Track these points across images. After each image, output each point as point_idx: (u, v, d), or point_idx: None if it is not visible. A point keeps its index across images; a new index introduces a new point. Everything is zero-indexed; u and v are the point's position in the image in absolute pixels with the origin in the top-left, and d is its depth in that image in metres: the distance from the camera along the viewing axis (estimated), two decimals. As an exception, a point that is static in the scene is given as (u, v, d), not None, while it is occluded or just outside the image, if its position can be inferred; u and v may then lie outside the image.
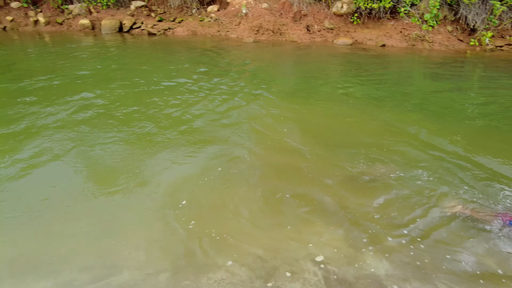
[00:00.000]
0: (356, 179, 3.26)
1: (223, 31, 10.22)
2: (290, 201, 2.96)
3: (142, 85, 5.99)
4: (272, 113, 4.79)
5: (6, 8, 12.11)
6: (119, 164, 3.58)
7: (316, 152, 3.75)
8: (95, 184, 3.24)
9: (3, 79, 6.52)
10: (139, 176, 3.33)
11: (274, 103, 5.14)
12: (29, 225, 2.75)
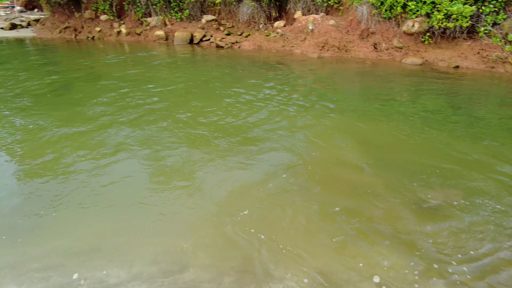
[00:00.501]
0: (417, 202, 3.13)
1: (288, 46, 10.43)
2: (349, 217, 2.94)
3: (207, 94, 6.34)
4: (333, 128, 4.80)
5: (96, 20, 13.63)
6: (183, 166, 3.81)
7: (376, 170, 3.67)
8: (162, 182, 3.48)
9: (83, 82, 7.37)
10: (202, 179, 3.52)
11: (336, 118, 5.15)
12: (104, 215, 3.03)
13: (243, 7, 11.21)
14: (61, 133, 4.67)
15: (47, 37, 14.61)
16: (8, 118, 5.22)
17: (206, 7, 12.12)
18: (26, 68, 8.78)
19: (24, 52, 11.72)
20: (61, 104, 5.94)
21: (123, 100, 5.99)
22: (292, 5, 11.20)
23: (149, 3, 12.62)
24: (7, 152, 4.18)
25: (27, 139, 4.50)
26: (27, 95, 6.38)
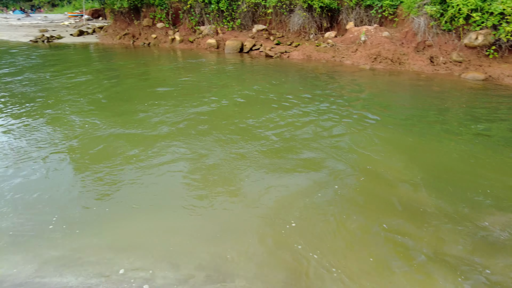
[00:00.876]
0: (472, 227, 2.87)
1: (338, 57, 10.26)
2: (397, 236, 2.77)
3: (254, 103, 6.39)
4: (384, 142, 4.61)
5: (153, 27, 14.44)
6: (230, 173, 3.83)
7: (428, 189, 3.45)
8: (208, 188, 3.52)
9: (137, 86, 7.79)
10: (248, 187, 3.52)
11: (387, 132, 4.94)
12: (151, 215, 3.11)
13: (294, 17, 11.26)
14: (115, 133, 4.95)
15: (108, 43, 15.74)
16: (68, 118, 5.65)
17: (257, 16, 12.35)
18: (86, 71, 9.52)
19: (87, 56, 12.73)
20: (115, 106, 6.34)
21: (174, 106, 6.23)
22: (344, 16, 11.05)
23: (203, 12, 13.14)
24: (66, 149, 4.49)
25: (84, 138, 4.81)
26: (86, 97, 6.88)
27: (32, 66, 10.46)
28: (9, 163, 4.09)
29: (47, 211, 3.17)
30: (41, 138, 4.82)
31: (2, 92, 7.42)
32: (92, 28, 19.01)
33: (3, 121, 5.54)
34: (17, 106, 6.39)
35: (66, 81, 8.39)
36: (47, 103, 6.53)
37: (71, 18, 26.04)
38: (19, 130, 5.13)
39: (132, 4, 14.24)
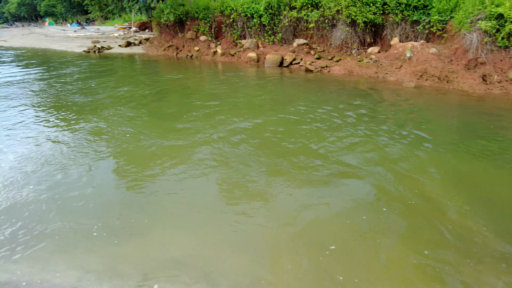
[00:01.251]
0: None
1: (381, 73, 9.96)
2: (449, 269, 2.55)
3: (293, 117, 6.31)
4: (432, 165, 4.33)
5: (196, 40, 14.94)
6: (265, 187, 3.77)
7: (483, 220, 3.16)
8: (246, 204, 3.48)
9: (177, 95, 8.03)
10: (287, 205, 3.43)
11: (435, 155, 4.64)
12: (187, 227, 3.14)
13: (337, 32, 11.14)
14: (154, 143, 5.10)
15: (153, 54, 16.49)
16: (111, 127, 5.91)
17: (298, 31, 12.37)
18: (131, 81, 10.02)
19: (132, 66, 13.39)
20: (156, 117, 6.54)
21: (211, 117, 6.34)
22: (389, 31, 10.75)
23: (245, 26, 13.40)
24: (109, 158, 4.67)
25: (126, 147, 4.99)
26: (128, 106, 7.20)
27: (82, 75, 11.20)
28: (56, 169, 4.32)
29: (90, 218, 3.28)
30: (86, 146, 5.07)
31: (53, 99, 7.98)
32: (139, 40, 20.06)
33: (52, 128, 5.91)
34: (66, 113, 6.82)
35: (111, 90, 8.89)
36: (93, 111, 6.90)
37: (120, 30, 27.73)
38: (66, 138, 5.44)
39: (177, 17, 14.85)
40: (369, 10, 10.45)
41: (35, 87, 9.48)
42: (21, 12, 68.58)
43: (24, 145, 5.11)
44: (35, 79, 10.77)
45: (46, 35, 34.02)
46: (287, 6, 12.22)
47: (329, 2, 11.15)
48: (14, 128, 5.95)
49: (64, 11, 52.90)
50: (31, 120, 6.38)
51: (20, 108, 7.20)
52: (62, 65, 14.10)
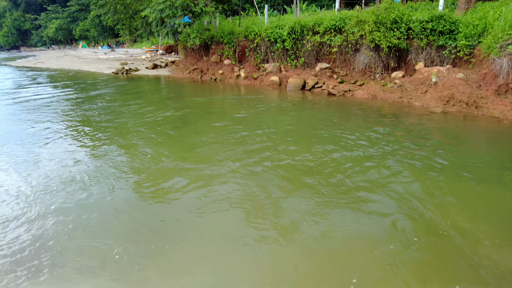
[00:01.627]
0: None
1: (406, 98, 9.80)
2: None
3: (315, 141, 6.26)
4: (463, 194, 4.16)
5: (220, 64, 15.34)
6: (287, 214, 3.72)
7: None
8: (266, 230, 3.44)
9: (200, 119, 8.15)
10: (308, 231, 3.38)
11: (466, 184, 4.44)
12: (211, 255, 3.10)
13: (360, 56, 11.14)
14: (176, 166, 5.19)
15: (178, 76, 17.03)
16: (134, 148, 6.10)
17: (321, 55, 12.47)
18: (155, 102, 10.35)
19: (158, 88, 13.85)
20: (178, 137, 6.73)
21: (234, 140, 6.40)
22: (413, 56, 10.65)
23: (268, 51, 13.66)
24: (131, 179, 4.78)
25: (148, 169, 5.11)
26: (152, 127, 7.42)
27: (109, 96, 11.70)
28: (80, 189, 4.46)
29: (112, 241, 3.33)
30: (109, 166, 5.23)
31: (80, 119, 8.37)
32: (165, 62, 20.82)
33: (76, 148, 6.17)
34: (90, 133, 7.13)
35: (136, 111, 9.22)
36: (116, 131, 7.19)
37: (147, 52, 28.95)
38: (90, 157, 5.64)
39: (203, 41, 15.37)
40: (393, 35, 10.43)
41: (64, 107, 10.01)
42: (58, 36, 73.18)
43: (49, 164, 5.35)
44: (65, 99, 11.37)
45: (79, 57, 35.99)
46: (310, 31, 12.40)
47: (353, 27, 11.23)
48: (41, 146, 6.26)
49: (96, 34, 56.07)
50: (57, 139, 6.71)
51: (48, 127, 7.63)
52: (91, 85, 14.80)
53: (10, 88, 14.42)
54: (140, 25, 20.16)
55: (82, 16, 66.57)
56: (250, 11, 23.63)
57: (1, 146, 6.33)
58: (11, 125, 7.93)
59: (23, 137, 6.89)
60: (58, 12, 74.89)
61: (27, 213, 3.86)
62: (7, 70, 25.23)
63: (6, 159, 5.61)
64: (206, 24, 16.49)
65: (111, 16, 20.31)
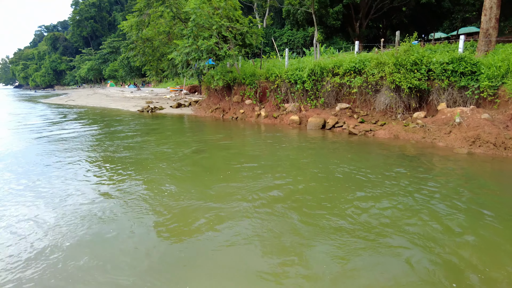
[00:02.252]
0: None
1: (429, 138, 9.66)
2: None
3: (334, 181, 6.20)
4: (494, 242, 3.94)
5: (241, 103, 15.78)
6: (307, 257, 3.64)
7: None
8: (286, 273, 3.34)
9: (220, 157, 8.30)
10: (330, 276, 3.25)
11: (496, 230, 4.22)
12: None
13: (381, 96, 11.23)
14: (195, 203, 5.26)
15: (201, 115, 17.56)
16: (154, 185, 6.24)
17: (341, 95, 12.65)
18: (178, 140, 10.66)
19: (181, 126, 14.28)
20: (198, 174, 6.86)
21: (253, 178, 6.45)
22: (435, 97, 10.64)
23: (288, 91, 14.02)
24: (149, 215, 4.86)
25: (166, 206, 5.20)
26: (173, 164, 7.62)
27: (133, 133, 12.16)
28: (99, 223, 4.59)
29: (132, 278, 3.35)
30: (128, 202, 5.37)
31: (105, 154, 8.73)
32: (188, 102, 21.61)
33: (97, 183, 6.39)
34: (112, 169, 7.40)
35: (158, 147, 9.55)
36: (137, 167, 7.44)
37: (172, 92, 30.24)
38: (109, 193, 5.83)
39: (225, 83, 15.99)
40: (414, 76, 10.53)
41: (89, 142, 10.50)
42: (89, 75, 78.12)
43: (72, 198, 5.60)
44: (91, 135, 11.92)
45: (107, 95, 37.94)
46: (330, 72, 12.71)
47: (373, 68, 11.45)
48: (66, 180, 6.59)
49: (124, 74, 59.43)
50: (82, 174, 7.03)
51: (74, 162, 8.02)
52: (117, 122, 15.47)
53: (42, 124, 15.28)
54: (166, 66, 21.30)
55: (112, 58, 71.26)
56: (271, 54, 24.61)
57: (30, 179, 6.67)
58: (40, 159, 8.37)
59: (51, 171, 7.26)
60: (91, 54, 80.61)
61: (45, 247, 3.96)
62: (42, 107, 26.86)
63: (33, 193, 5.88)
64: (229, 66, 17.24)
65: (139, 58, 21.61)
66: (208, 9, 15.14)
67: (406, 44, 11.09)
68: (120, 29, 21.70)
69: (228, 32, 15.57)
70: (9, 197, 5.72)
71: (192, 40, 15.18)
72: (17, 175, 7.02)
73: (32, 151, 9.37)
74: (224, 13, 16.11)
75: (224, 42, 16.08)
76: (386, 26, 32.87)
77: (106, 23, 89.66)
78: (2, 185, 6.35)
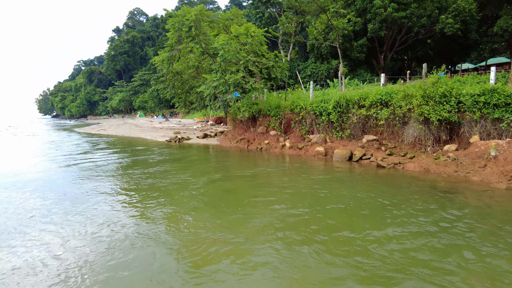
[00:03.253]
0: None
1: (462, 172, 9.28)
2: None
3: (362, 214, 6.03)
4: None
5: (266, 134, 15.96)
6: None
7: None
8: None
9: (243, 187, 8.30)
10: None
11: None
12: None
13: (409, 129, 11.04)
14: (217, 235, 5.27)
15: (226, 145, 17.85)
16: (176, 214, 6.34)
17: (368, 127, 12.55)
18: (202, 169, 10.85)
19: (206, 156, 14.54)
20: (219, 205, 6.88)
21: (275, 211, 6.40)
22: (466, 129, 10.32)
23: (313, 123, 14.08)
24: (170, 246, 4.89)
25: (184, 235, 5.28)
26: (194, 192, 7.81)
27: (161, 162, 12.50)
28: (120, 252, 4.67)
29: None
30: (149, 232, 5.48)
31: (131, 183, 9.03)
32: (214, 132, 22.10)
33: (123, 211, 6.60)
34: (139, 197, 7.62)
35: (183, 177, 9.73)
36: (160, 196, 7.65)
37: (198, 122, 31.12)
38: (133, 221, 6.00)
39: (251, 114, 16.33)
40: (443, 108, 10.34)
41: (118, 171, 10.97)
42: (120, 106, 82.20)
43: (95, 226, 5.79)
44: (120, 163, 12.42)
45: (136, 125, 39.51)
46: (356, 104, 12.73)
47: (400, 101, 11.36)
48: (91, 206, 6.89)
49: (153, 105, 62.05)
50: (107, 201, 7.31)
51: (101, 190, 8.33)
52: (145, 152, 15.99)
53: (74, 152, 16.06)
54: (195, 99, 22.12)
55: (142, 89, 74.99)
56: (295, 86, 25.06)
57: (57, 206, 6.98)
58: (69, 186, 8.80)
59: (78, 197, 7.64)
60: (123, 86, 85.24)
61: (70, 278, 4.06)
62: (75, 136, 28.31)
63: (59, 219, 6.17)
64: (254, 98, 17.67)
65: (169, 90, 22.62)
66: (236, 45, 15.84)
67: (433, 76, 11.00)
68: (151, 63, 22.97)
69: (254, 66, 16.11)
70: (38, 224, 5.97)
71: (220, 74, 15.80)
72: (47, 201, 7.42)
73: (63, 178, 9.87)
74: (250, 48, 16.77)
75: (250, 76, 16.62)
76: (411, 58, 32.83)
77: (138, 57, 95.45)
78: (32, 212, 6.67)
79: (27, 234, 5.49)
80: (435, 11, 25.33)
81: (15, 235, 5.44)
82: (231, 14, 24.32)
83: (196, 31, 18.32)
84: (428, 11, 25.35)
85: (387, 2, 25.21)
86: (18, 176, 10.32)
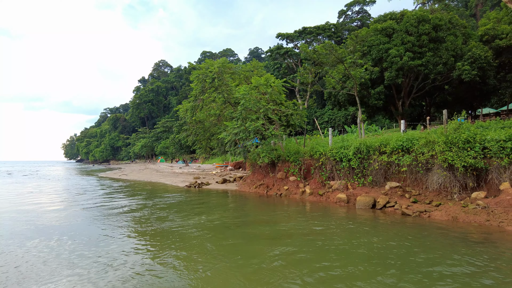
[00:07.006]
0: None
1: (495, 221, 8.82)
2: None
3: (389, 265, 5.67)
4: None
5: (285, 180, 15.91)
6: None
7: None
8: None
9: (261, 235, 8.11)
10: None
11: None
12: None
13: (433, 175, 10.78)
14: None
15: (245, 191, 17.81)
16: (190, 259, 6.32)
17: (390, 174, 12.34)
18: (220, 215, 10.83)
19: (225, 202, 14.51)
20: (235, 255, 6.74)
21: (297, 263, 6.20)
22: (495, 175, 9.98)
23: (333, 169, 14.00)
24: None
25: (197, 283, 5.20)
26: (210, 239, 7.77)
27: (180, 208, 12.57)
28: None
29: None
30: (162, 277, 5.46)
31: (148, 226, 9.17)
32: (233, 177, 22.20)
33: (137, 254, 6.64)
34: (152, 240, 7.70)
35: (200, 222, 9.78)
36: (176, 241, 7.73)
37: (218, 168, 31.46)
38: (147, 267, 6.01)
39: (270, 160, 16.46)
40: (468, 154, 10.13)
41: (137, 214, 11.15)
42: (142, 152, 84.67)
43: (111, 267, 5.83)
44: (139, 208, 12.62)
45: (157, 170, 40.26)
46: (377, 151, 12.67)
47: (422, 147, 11.25)
48: (108, 245, 6.93)
49: (174, 151, 63.62)
50: (126, 242, 7.40)
51: (121, 232, 8.45)
52: (165, 197, 16.16)
53: (96, 197, 16.39)
54: (215, 145, 22.65)
55: (164, 136, 77.48)
56: (313, 132, 25.33)
57: (76, 246, 7.02)
58: (89, 228, 9.05)
59: (97, 238, 7.84)
60: (146, 133, 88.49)
61: None
62: (98, 181, 29.02)
63: (77, 259, 6.20)
64: (273, 144, 17.92)
65: (192, 137, 23.36)
66: (256, 95, 16.50)
67: (454, 122, 10.95)
68: (174, 110, 24.05)
69: (274, 114, 16.58)
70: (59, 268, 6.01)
71: (241, 122, 16.30)
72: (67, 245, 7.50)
73: (84, 223, 10.13)
74: (270, 97, 17.40)
75: (269, 123, 17.03)
76: (430, 103, 32.91)
77: (161, 106, 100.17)
78: (54, 255, 6.77)
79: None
80: (450, 58, 25.81)
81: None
82: (251, 66, 25.67)
83: (219, 82, 19.31)
84: (444, 59, 25.85)
85: (403, 51, 25.99)
86: (55, 220, 10.59)
